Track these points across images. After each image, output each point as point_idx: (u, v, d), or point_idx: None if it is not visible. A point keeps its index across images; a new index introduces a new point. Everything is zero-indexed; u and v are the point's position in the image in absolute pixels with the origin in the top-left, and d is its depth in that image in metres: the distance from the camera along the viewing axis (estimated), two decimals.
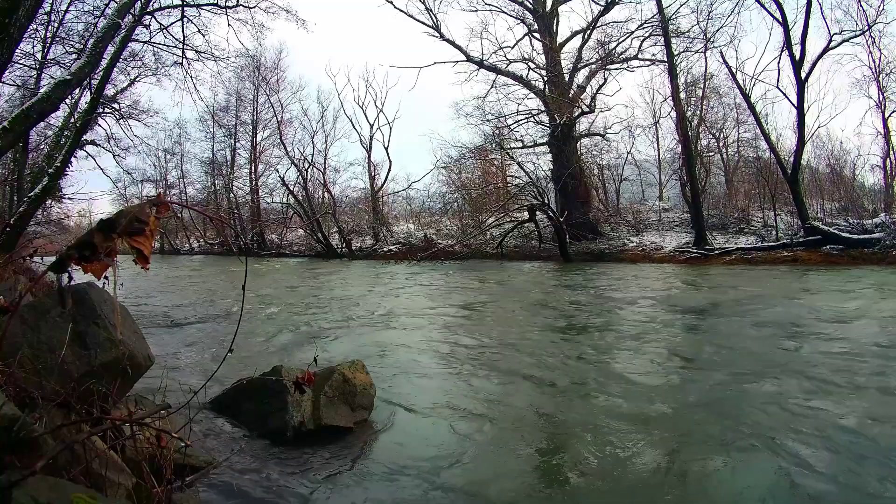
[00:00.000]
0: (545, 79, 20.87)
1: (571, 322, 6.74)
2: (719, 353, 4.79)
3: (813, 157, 18.77)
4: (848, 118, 47.63)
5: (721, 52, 16.34)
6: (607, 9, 20.06)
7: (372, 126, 28.10)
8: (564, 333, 6.03)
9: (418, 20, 21.61)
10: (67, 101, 10.92)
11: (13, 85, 12.79)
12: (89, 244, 1.23)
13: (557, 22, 21.42)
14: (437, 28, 21.50)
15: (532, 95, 21.47)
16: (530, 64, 21.17)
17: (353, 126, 29.95)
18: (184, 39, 12.65)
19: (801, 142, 14.60)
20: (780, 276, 10.77)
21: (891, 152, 16.84)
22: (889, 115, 16.91)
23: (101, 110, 15.31)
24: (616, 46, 20.03)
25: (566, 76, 20.85)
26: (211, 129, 31.21)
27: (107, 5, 11.18)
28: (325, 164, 28.60)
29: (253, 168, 29.84)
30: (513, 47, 21.49)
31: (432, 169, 27.83)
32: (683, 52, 18.05)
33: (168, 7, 12.02)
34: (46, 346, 2.19)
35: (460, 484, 2.56)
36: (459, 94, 58.16)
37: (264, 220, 29.68)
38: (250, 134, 29.80)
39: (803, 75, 14.13)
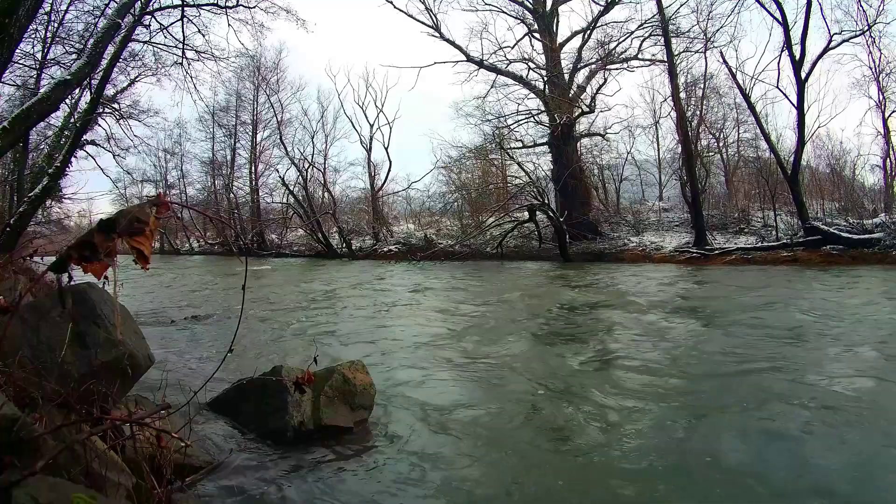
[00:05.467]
0: (545, 79, 20.85)
1: (571, 322, 6.73)
2: (720, 354, 4.78)
3: (813, 157, 18.82)
4: (848, 118, 47.61)
5: (721, 52, 16.36)
6: (607, 9, 20.05)
7: (372, 126, 28.15)
8: (564, 334, 6.03)
9: (418, 20, 21.63)
10: (67, 101, 10.89)
11: (13, 85, 12.78)
12: (89, 244, 1.23)
13: (557, 22, 21.42)
14: (437, 28, 21.51)
15: (532, 95, 21.46)
16: (530, 64, 21.17)
17: (353, 126, 29.95)
18: (184, 39, 12.65)
19: (801, 142, 14.60)
20: (780, 276, 10.76)
21: (891, 152, 16.86)
22: (889, 115, 16.93)
23: (101, 110, 15.26)
24: (616, 46, 20.03)
25: (566, 76, 20.83)
26: (211, 129, 31.22)
27: (107, 5, 11.17)
28: (325, 164, 28.64)
29: (253, 168, 29.85)
30: (513, 47, 21.50)
31: (432, 169, 27.82)
32: (683, 52, 18.08)
33: (168, 7, 12.02)
34: (46, 346, 2.19)
35: (460, 484, 2.56)
36: (459, 94, 58.13)
37: (264, 220, 29.67)
38: (250, 134, 29.80)
39: (803, 75, 14.13)
